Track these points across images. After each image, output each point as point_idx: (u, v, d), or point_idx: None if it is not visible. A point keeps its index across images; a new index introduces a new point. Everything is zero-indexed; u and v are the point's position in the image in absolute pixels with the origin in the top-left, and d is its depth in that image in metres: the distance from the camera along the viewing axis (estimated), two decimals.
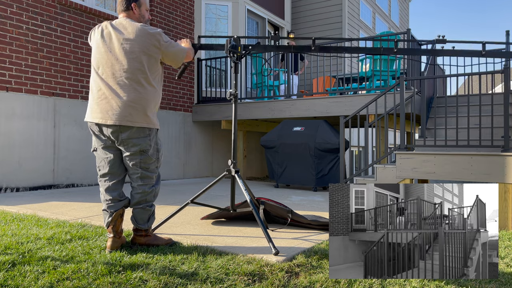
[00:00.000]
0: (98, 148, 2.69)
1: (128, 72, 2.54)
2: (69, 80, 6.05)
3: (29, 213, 3.80)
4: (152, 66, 2.61)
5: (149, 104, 2.59)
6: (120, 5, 2.74)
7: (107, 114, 2.54)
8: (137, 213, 2.67)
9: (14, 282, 2.01)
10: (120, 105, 2.52)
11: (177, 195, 5.32)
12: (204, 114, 7.96)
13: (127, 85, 2.54)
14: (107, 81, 2.57)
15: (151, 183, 2.68)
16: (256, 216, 2.76)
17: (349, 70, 10.32)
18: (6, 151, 5.31)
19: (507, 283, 2.26)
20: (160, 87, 2.72)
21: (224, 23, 8.48)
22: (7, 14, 5.36)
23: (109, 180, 2.66)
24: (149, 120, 2.60)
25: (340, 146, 5.99)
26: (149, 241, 2.69)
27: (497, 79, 12.62)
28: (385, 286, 2.16)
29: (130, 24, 2.62)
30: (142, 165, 2.63)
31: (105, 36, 2.62)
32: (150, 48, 2.58)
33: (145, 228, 2.68)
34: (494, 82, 5.60)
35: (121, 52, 2.56)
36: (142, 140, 2.59)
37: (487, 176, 4.22)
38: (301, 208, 4.44)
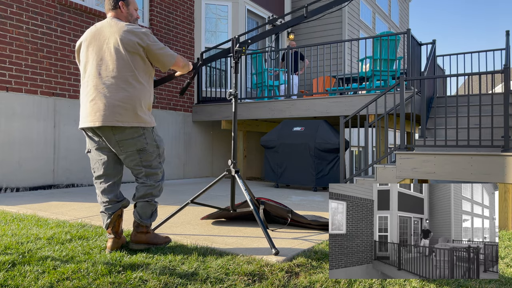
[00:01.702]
0: (92, 149, 2.65)
1: (114, 71, 2.50)
2: (69, 80, 6.05)
3: (29, 213, 3.80)
4: (138, 64, 2.56)
5: (139, 102, 2.54)
6: (107, 4, 2.71)
7: (96, 115, 2.49)
8: (141, 207, 2.61)
9: (14, 282, 2.01)
10: (109, 106, 2.47)
11: (177, 195, 5.32)
12: (204, 114, 7.96)
13: (114, 85, 2.50)
14: (94, 83, 2.53)
15: (157, 179, 2.65)
16: (256, 216, 2.76)
17: (349, 70, 10.32)
18: (6, 151, 5.31)
19: (507, 283, 2.26)
20: (149, 85, 2.65)
21: (224, 23, 8.48)
22: (7, 14, 5.36)
23: (105, 182, 2.63)
24: (141, 119, 2.54)
25: (340, 146, 5.99)
26: (149, 239, 2.64)
27: (497, 79, 12.63)
28: (385, 286, 2.16)
29: (116, 23, 2.59)
30: (144, 163, 2.59)
31: (90, 38, 2.61)
32: (134, 46, 2.53)
33: (147, 223, 2.63)
34: (494, 82, 5.60)
35: (107, 51, 2.53)
36: (136, 140, 2.54)
37: (487, 176, 4.22)
38: (301, 208, 4.44)
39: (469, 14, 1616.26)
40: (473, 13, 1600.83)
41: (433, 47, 6.25)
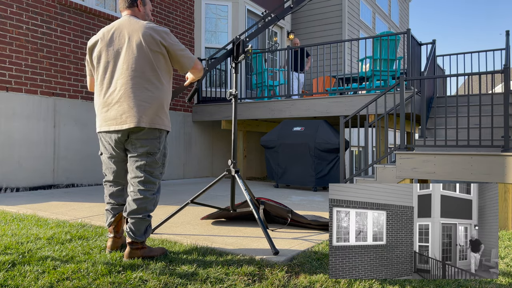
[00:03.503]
0: (104, 155, 2.61)
1: (137, 71, 2.41)
2: (69, 80, 6.05)
3: (29, 213, 3.80)
4: (161, 63, 2.46)
5: (161, 103, 2.46)
6: (123, 2, 2.60)
7: (117, 119, 2.41)
8: (134, 223, 2.43)
9: (14, 282, 2.01)
10: (133, 106, 2.39)
11: (177, 195, 5.32)
12: (204, 114, 7.96)
13: (138, 84, 2.41)
14: (115, 83, 2.43)
15: (153, 189, 2.49)
16: (256, 216, 2.76)
17: (349, 70, 10.32)
18: (6, 151, 5.31)
19: (507, 283, 2.26)
20: (170, 86, 2.56)
21: (224, 23, 8.48)
22: (7, 14, 5.36)
23: (114, 186, 2.63)
24: (161, 122, 2.47)
25: (340, 146, 5.99)
26: (145, 254, 2.45)
27: (497, 79, 12.63)
28: (385, 286, 2.16)
29: (136, 21, 2.50)
30: (147, 168, 2.46)
31: (107, 36, 2.49)
32: (157, 45, 2.44)
33: (142, 240, 2.44)
34: (494, 82, 5.60)
35: (128, 50, 2.43)
36: (150, 142, 2.45)
37: (487, 176, 4.22)
38: (301, 208, 4.43)
39: (469, 14, 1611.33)
40: (473, 13, 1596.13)
41: (433, 47, 6.25)
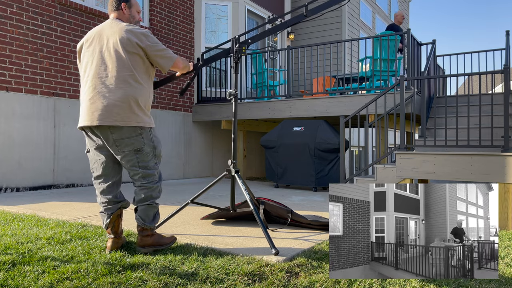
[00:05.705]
0: (90, 149, 2.66)
1: (113, 72, 2.51)
2: (69, 80, 6.05)
3: (29, 213, 3.80)
4: (138, 64, 2.56)
5: (135, 100, 2.53)
6: (110, 6, 2.73)
7: (94, 115, 2.49)
8: (143, 210, 2.58)
9: (14, 282, 2.01)
10: (108, 105, 2.47)
11: (177, 195, 5.32)
12: (204, 114, 7.96)
13: (113, 85, 2.50)
14: (93, 82, 2.54)
15: (154, 180, 2.61)
16: (256, 216, 2.76)
17: (349, 70, 10.32)
18: (6, 151, 5.31)
19: (507, 283, 2.26)
20: (148, 85, 2.65)
21: (224, 23, 8.48)
22: (7, 14, 5.36)
23: (104, 182, 2.63)
24: (140, 119, 2.54)
25: (340, 146, 5.99)
26: (156, 241, 2.61)
27: (497, 79, 12.63)
28: (385, 286, 2.15)
29: (116, 24, 2.62)
30: (141, 163, 2.56)
31: (91, 39, 2.63)
32: (133, 46, 2.53)
33: (151, 226, 2.60)
34: (494, 82, 5.60)
35: (106, 52, 2.55)
36: (134, 140, 2.53)
37: (487, 176, 4.22)
38: (301, 208, 4.44)
39: (469, 14, 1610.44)
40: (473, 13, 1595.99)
41: (433, 47, 6.25)
